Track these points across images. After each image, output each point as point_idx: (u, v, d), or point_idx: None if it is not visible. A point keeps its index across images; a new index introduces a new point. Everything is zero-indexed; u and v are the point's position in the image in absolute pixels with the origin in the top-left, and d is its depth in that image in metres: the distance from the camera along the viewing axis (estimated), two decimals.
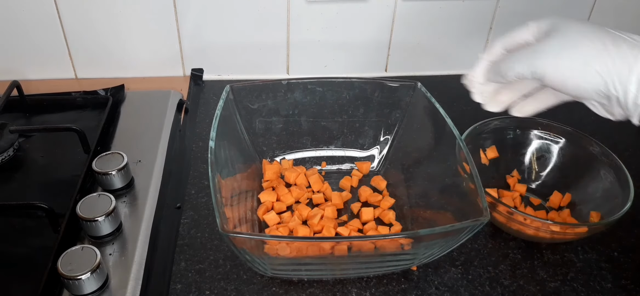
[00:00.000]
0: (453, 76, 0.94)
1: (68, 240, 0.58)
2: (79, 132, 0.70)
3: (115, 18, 0.83)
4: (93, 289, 0.53)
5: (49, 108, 0.80)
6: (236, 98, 0.67)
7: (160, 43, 0.87)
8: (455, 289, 0.58)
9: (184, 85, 0.89)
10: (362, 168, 0.72)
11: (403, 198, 0.67)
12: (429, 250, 0.55)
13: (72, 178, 0.65)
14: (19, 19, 0.81)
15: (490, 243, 0.64)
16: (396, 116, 0.72)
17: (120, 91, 0.83)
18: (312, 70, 0.92)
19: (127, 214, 0.62)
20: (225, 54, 0.89)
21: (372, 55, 0.92)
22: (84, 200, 0.59)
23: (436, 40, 0.91)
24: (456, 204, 0.59)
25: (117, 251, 0.58)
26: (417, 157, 0.70)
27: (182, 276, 0.58)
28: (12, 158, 0.70)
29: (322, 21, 0.86)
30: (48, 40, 0.84)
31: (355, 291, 0.57)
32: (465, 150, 0.58)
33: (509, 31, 0.53)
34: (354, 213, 0.66)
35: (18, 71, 0.86)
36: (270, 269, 0.56)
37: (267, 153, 0.73)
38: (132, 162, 0.67)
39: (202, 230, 0.63)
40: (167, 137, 0.75)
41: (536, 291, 0.58)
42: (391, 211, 0.65)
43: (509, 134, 0.71)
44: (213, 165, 0.54)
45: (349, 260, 0.56)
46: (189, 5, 0.83)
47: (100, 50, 0.86)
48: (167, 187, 0.68)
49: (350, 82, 0.71)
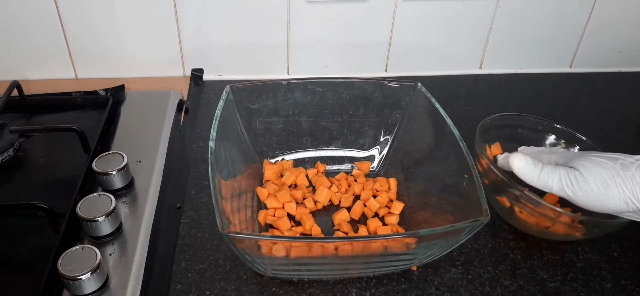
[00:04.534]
0: (453, 76, 0.95)
1: (68, 240, 0.58)
2: (79, 132, 0.70)
3: (115, 18, 0.83)
4: (93, 289, 0.53)
5: (49, 108, 0.80)
6: (236, 99, 0.67)
7: (160, 43, 0.87)
8: (455, 289, 0.58)
9: (184, 85, 0.89)
10: (362, 168, 0.72)
11: (403, 198, 0.67)
12: (429, 250, 0.55)
13: (72, 178, 0.65)
14: (19, 19, 0.81)
15: (490, 243, 0.64)
16: (396, 116, 0.72)
17: (120, 91, 0.83)
18: (312, 70, 0.92)
19: (127, 214, 0.62)
20: (225, 54, 0.89)
21: (372, 55, 0.92)
22: (84, 200, 0.59)
23: (436, 40, 0.91)
24: (456, 204, 0.59)
25: (117, 252, 0.58)
26: (417, 157, 0.70)
27: (182, 276, 0.58)
28: (12, 158, 0.70)
29: (322, 21, 0.86)
30: (48, 40, 0.84)
31: (355, 291, 0.57)
32: (465, 151, 0.58)
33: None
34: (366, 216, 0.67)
35: (18, 71, 0.86)
36: (270, 269, 0.56)
37: (267, 153, 0.73)
38: (132, 162, 0.67)
39: (202, 230, 0.63)
40: (167, 137, 0.75)
41: (536, 291, 0.58)
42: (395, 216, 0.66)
43: (523, 133, 0.72)
44: (213, 165, 0.54)
45: (349, 260, 0.56)
46: (189, 5, 0.83)
47: (100, 50, 0.86)
48: (167, 187, 0.68)
49: (350, 82, 0.71)
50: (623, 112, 0.88)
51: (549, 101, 0.90)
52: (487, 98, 0.90)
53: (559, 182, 0.55)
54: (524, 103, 0.88)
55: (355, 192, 0.69)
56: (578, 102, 0.90)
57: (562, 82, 0.95)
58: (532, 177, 0.57)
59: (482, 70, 0.96)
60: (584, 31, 0.93)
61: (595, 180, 0.53)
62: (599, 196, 0.53)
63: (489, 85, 0.93)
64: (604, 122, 0.86)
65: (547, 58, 0.96)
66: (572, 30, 0.93)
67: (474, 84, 0.93)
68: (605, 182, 0.53)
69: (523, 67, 0.97)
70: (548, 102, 0.89)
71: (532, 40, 0.93)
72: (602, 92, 0.93)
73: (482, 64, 0.95)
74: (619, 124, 0.85)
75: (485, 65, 0.96)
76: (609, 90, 0.94)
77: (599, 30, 0.93)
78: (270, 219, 0.64)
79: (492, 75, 0.96)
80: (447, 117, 0.63)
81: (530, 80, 0.95)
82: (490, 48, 0.93)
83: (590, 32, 0.93)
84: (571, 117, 0.86)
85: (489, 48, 0.93)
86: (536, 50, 0.94)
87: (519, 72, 0.97)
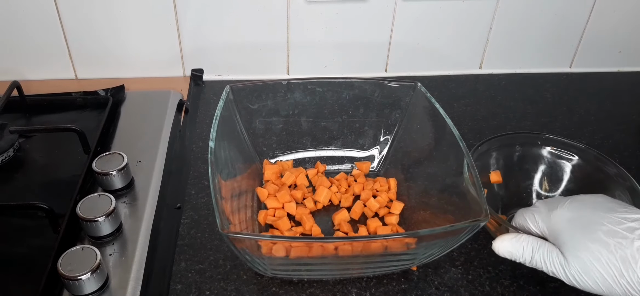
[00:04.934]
0: (453, 76, 0.95)
1: (68, 240, 0.58)
2: (79, 132, 0.70)
3: (115, 18, 0.83)
4: (93, 289, 0.53)
5: (49, 108, 0.80)
6: (236, 99, 0.67)
7: (160, 43, 0.87)
8: (455, 289, 0.58)
9: (184, 86, 0.89)
10: (362, 168, 0.72)
11: (403, 198, 0.67)
12: (429, 250, 0.55)
13: (72, 178, 0.65)
14: (19, 19, 0.81)
15: (490, 243, 0.63)
16: (396, 116, 0.72)
17: (120, 91, 0.83)
18: (312, 70, 0.92)
19: (127, 214, 0.62)
20: (225, 54, 0.89)
21: (372, 55, 0.92)
22: (84, 200, 0.59)
23: (436, 40, 0.91)
24: (456, 204, 0.59)
25: (117, 252, 0.58)
26: (417, 157, 0.70)
27: (182, 276, 0.58)
28: (12, 159, 0.70)
29: (322, 21, 0.86)
30: (48, 40, 0.84)
31: (355, 291, 0.57)
32: (465, 150, 0.58)
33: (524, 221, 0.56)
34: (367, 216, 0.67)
35: (18, 71, 0.86)
36: (270, 269, 0.56)
37: (267, 154, 0.73)
38: (132, 162, 0.67)
39: (202, 230, 0.63)
40: (167, 137, 0.75)
41: (536, 291, 0.58)
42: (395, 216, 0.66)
43: (517, 151, 0.68)
44: (213, 165, 0.54)
45: (349, 260, 0.56)
46: (189, 5, 0.83)
47: (100, 50, 0.86)
48: (167, 187, 0.68)
49: (350, 82, 0.71)
50: (623, 112, 0.88)
51: (549, 101, 0.90)
52: (487, 99, 0.90)
53: (551, 272, 0.51)
54: (524, 103, 0.88)
55: (355, 192, 0.69)
56: (578, 102, 0.90)
57: (562, 82, 0.95)
58: (522, 261, 0.53)
59: (482, 70, 0.96)
60: (584, 31, 0.93)
61: (597, 278, 0.47)
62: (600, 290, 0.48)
63: (489, 85, 0.93)
64: (604, 122, 0.86)
65: (547, 58, 0.96)
66: (572, 30, 0.93)
67: (474, 84, 0.93)
68: (607, 283, 0.47)
69: (523, 67, 0.97)
70: (548, 102, 0.89)
71: (532, 40, 0.93)
72: (602, 92, 0.93)
73: (482, 64, 0.95)
74: (619, 124, 0.85)
75: (485, 65, 0.96)
76: (609, 90, 0.94)
77: (599, 30, 0.93)
78: (270, 219, 0.64)
79: (492, 75, 0.96)
80: (447, 117, 0.63)
81: (530, 80, 0.95)
82: (490, 48, 0.93)
83: (590, 32, 0.93)
84: (571, 117, 0.86)
85: (489, 48, 0.93)
86: (536, 50, 0.94)
87: (519, 72, 0.97)
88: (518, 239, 0.53)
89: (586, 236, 0.48)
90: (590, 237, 0.48)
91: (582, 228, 0.49)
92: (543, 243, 0.52)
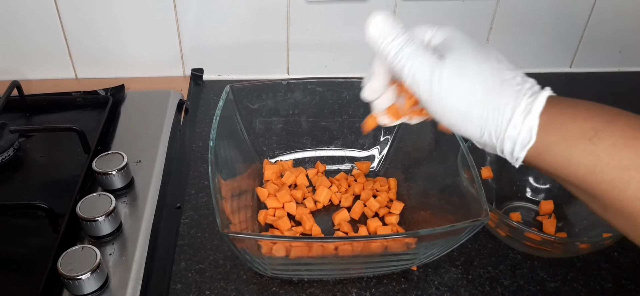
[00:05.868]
0: None
1: (68, 240, 0.58)
2: (79, 132, 0.70)
3: (115, 18, 0.83)
4: (93, 289, 0.53)
5: (49, 108, 0.80)
6: (236, 98, 0.67)
7: (160, 43, 0.87)
8: (455, 289, 0.58)
9: (184, 85, 0.89)
10: (362, 168, 0.72)
11: (403, 198, 0.67)
12: (429, 250, 0.55)
13: (72, 178, 0.65)
14: (19, 19, 0.81)
15: (490, 243, 0.64)
16: None
17: (120, 91, 0.83)
18: (312, 70, 0.92)
19: (127, 214, 0.62)
20: (225, 54, 0.89)
21: (372, 55, 0.92)
22: (84, 200, 0.59)
23: None
24: (456, 204, 0.59)
25: (117, 251, 0.58)
26: (417, 157, 0.70)
27: (182, 276, 0.58)
28: (12, 158, 0.70)
29: (322, 21, 0.86)
30: (48, 40, 0.84)
31: (355, 291, 0.57)
32: (466, 150, 0.58)
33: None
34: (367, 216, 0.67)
35: (18, 71, 0.86)
36: (270, 269, 0.56)
37: (267, 153, 0.73)
38: (132, 162, 0.67)
39: (202, 230, 0.63)
40: (167, 137, 0.75)
41: (536, 291, 0.58)
42: (395, 215, 0.66)
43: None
44: (213, 165, 0.54)
45: (349, 260, 0.56)
46: (189, 5, 0.83)
47: (100, 50, 0.86)
48: (167, 187, 0.68)
49: (350, 82, 0.71)
50: None
51: None
52: None
53: (413, 76, 0.42)
54: None
55: (355, 191, 0.69)
56: None
57: (562, 82, 0.95)
58: (386, 51, 0.46)
59: None
60: (584, 31, 0.93)
61: (472, 78, 0.39)
62: (463, 116, 0.40)
63: None
64: None
65: (547, 58, 0.96)
66: (572, 30, 0.93)
67: None
68: (477, 94, 0.39)
69: (523, 66, 0.97)
70: None
71: (532, 40, 0.93)
72: (602, 92, 0.93)
73: None
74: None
75: None
76: (609, 90, 0.94)
77: (599, 30, 0.92)
78: (270, 219, 0.64)
79: None
80: None
81: None
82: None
83: (590, 32, 0.93)
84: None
85: None
86: (536, 50, 0.94)
87: None
88: (396, 21, 0.45)
89: (464, 48, 0.42)
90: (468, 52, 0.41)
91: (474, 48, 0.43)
92: (421, 41, 0.45)
